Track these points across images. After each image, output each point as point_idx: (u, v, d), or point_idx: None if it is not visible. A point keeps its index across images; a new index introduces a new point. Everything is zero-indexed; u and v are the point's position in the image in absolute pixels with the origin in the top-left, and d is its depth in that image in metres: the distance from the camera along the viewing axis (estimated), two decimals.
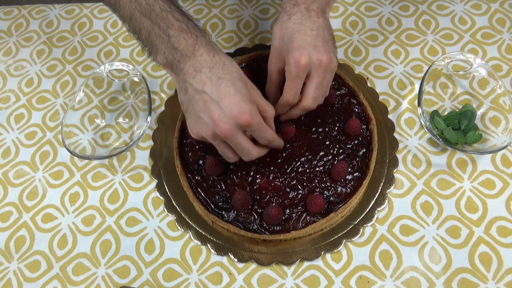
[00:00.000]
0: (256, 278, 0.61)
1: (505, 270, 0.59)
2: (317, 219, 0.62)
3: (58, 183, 0.71)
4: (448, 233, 0.62)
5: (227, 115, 0.52)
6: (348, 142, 0.67)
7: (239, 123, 0.52)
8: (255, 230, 0.62)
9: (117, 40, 0.84)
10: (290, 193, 0.64)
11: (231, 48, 0.81)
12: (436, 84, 0.73)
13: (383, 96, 0.74)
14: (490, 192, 0.64)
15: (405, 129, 0.71)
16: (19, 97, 0.79)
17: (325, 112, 0.70)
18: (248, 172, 0.66)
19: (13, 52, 0.85)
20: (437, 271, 0.60)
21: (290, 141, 0.67)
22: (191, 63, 0.54)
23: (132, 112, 0.76)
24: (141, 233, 0.65)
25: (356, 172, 0.65)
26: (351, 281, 0.60)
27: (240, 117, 0.52)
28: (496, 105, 0.69)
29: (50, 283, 0.63)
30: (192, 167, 0.67)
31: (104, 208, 0.68)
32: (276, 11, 0.84)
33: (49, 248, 0.66)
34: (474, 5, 0.81)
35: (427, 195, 0.65)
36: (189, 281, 0.62)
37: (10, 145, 0.75)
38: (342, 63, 0.77)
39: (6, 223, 0.68)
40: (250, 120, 0.52)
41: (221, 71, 0.54)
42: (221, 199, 0.64)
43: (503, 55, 0.75)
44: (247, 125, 0.53)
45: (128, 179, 0.70)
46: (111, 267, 0.64)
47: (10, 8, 0.90)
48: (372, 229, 0.63)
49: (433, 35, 0.78)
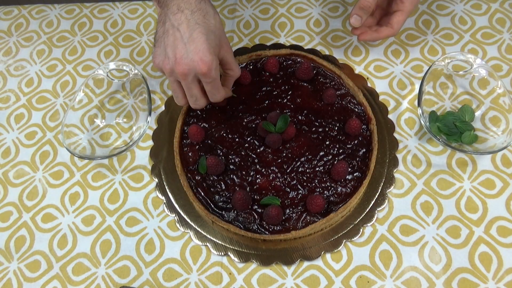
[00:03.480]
0: (256, 278, 0.61)
1: (505, 270, 0.59)
2: (317, 219, 0.62)
3: (58, 183, 0.71)
4: (448, 233, 0.62)
5: (189, 57, 0.55)
6: (348, 142, 0.67)
7: (196, 69, 0.56)
8: (255, 230, 0.62)
9: (117, 40, 0.84)
10: (290, 193, 0.64)
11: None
12: (436, 84, 0.73)
13: (383, 96, 0.74)
14: (490, 192, 0.64)
15: (405, 129, 0.71)
16: (19, 97, 0.79)
17: (325, 112, 0.70)
18: (248, 172, 0.66)
19: (13, 52, 0.85)
20: (437, 271, 0.60)
21: (290, 141, 0.67)
22: (177, 2, 0.57)
23: (132, 112, 0.76)
24: (141, 233, 0.65)
25: (356, 172, 0.65)
26: (351, 281, 0.60)
27: (200, 64, 0.55)
28: (496, 105, 0.69)
29: (50, 283, 0.63)
30: (192, 167, 0.67)
31: (104, 208, 0.68)
32: (276, 11, 0.84)
33: (49, 248, 0.66)
34: (474, 5, 0.81)
35: (427, 195, 0.65)
36: (189, 281, 0.62)
37: (10, 145, 0.75)
38: (342, 63, 0.77)
39: (6, 223, 0.68)
40: (207, 71, 0.56)
41: (202, 18, 0.57)
42: (221, 199, 0.64)
43: (503, 55, 0.75)
44: (202, 74, 0.56)
45: (128, 179, 0.70)
46: (111, 267, 0.64)
47: (10, 8, 0.90)
48: (372, 229, 0.63)
49: (433, 35, 0.78)
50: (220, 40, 0.59)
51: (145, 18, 0.86)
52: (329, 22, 0.82)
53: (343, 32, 0.81)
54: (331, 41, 0.80)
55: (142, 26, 0.85)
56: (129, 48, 0.83)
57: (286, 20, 0.83)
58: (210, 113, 0.71)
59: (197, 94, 0.61)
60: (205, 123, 0.70)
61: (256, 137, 0.68)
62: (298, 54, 0.75)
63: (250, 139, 0.68)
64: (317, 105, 0.71)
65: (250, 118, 0.70)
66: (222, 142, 0.69)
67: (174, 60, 0.56)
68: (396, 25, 0.67)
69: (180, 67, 0.56)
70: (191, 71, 0.56)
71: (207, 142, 0.69)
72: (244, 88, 0.73)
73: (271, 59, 0.74)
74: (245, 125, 0.70)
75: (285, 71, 0.74)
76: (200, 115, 0.71)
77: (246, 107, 0.71)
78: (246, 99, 0.72)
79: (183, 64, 0.56)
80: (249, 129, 0.69)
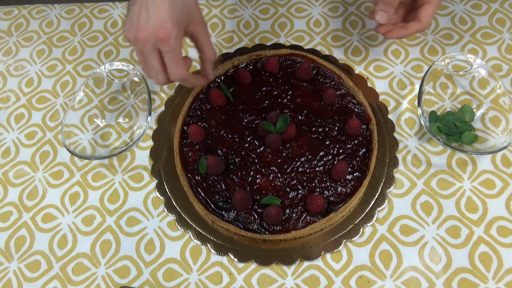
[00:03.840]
0: (256, 278, 0.61)
1: (505, 270, 0.59)
2: (317, 219, 0.62)
3: (58, 183, 0.71)
4: (448, 233, 0.62)
5: (149, 23, 0.54)
6: (348, 142, 0.67)
7: (155, 36, 0.54)
8: (255, 230, 0.62)
9: (117, 40, 0.84)
10: (290, 193, 0.64)
11: (231, 48, 0.81)
12: (436, 84, 0.73)
13: (383, 96, 0.74)
14: (490, 192, 0.64)
15: (405, 129, 0.71)
16: (19, 97, 0.79)
17: (325, 112, 0.70)
18: (248, 172, 0.66)
19: (13, 52, 0.85)
20: (437, 271, 0.60)
21: (290, 141, 0.67)
22: None
23: (132, 112, 0.76)
24: (141, 233, 0.65)
25: (356, 172, 0.65)
26: (351, 281, 0.60)
27: (158, 30, 0.53)
28: (496, 105, 0.69)
29: (50, 283, 0.63)
30: (192, 167, 0.67)
31: (104, 208, 0.68)
32: (276, 11, 0.84)
33: (49, 248, 0.66)
34: (474, 5, 0.81)
35: (427, 195, 0.65)
36: (189, 281, 0.62)
37: (10, 145, 0.75)
38: (342, 63, 0.77)
39: (6, 223, 0.68)
40: (164, 37, 0.54)
41: None
42: (221, 199, 0.64)
43: (503, 55, 0.75)
44: (160, 41, 0.54)
45: (128, 179, 0.70)
46: (111, 267, 0.64)
47: (10, 8, 0.90)
48: (372, 229, 0.63)
49: (433, 35, 0.78)
50: (190, 13, 0.58)
51: None
52: (329, 22, 0.82)
53: (343, 32, 0.81)
54: (331, 41, 0.80)
55: None
56: (129, 48, 0.83)
57: (286, 20, 0.83)
58: (210, 113, 0.71)
59: (156, 66, 0.57)
60: (205, 123, 0.70)
61: (256, 137, 0.68)
62: (298, 54, 0.75)
63: (250, 139, 0.68)
64: (317, 105, 0.71)
65: (250, 118, 0.70)
66: (222, 142, 0.69)
67: (136, 27, 0.55)
68: (425, 18, 0.64)
69: (140, 34, 0.54)
70: (150, 38, 0.54)
71: (207, 142, 0.69)
72: (244, 88, 0.73)
73: (271, 59, 0.74)
74: (245, 125, 0.70)
75: (285, 71, 0.74)
76: (200, 115, 0.71)
77: (246, 107, 0.71)
78: (246, 99, 0.72)
79: (143, 30, 0.54)
80: (249, 129, 0.69)
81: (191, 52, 0.81)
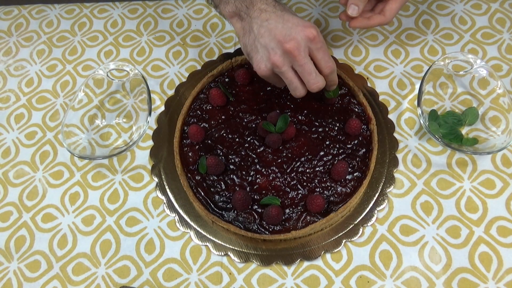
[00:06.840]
0: (256, 278, 0.61)
1: (505, 270, 0.59)
2: (317, 219, 0.62)
3: (58, 183, 0.71)
4: (448, 233, 0.62)
5: (291, 33, 0.56)
6: (348, 142, 0.67)
7: (304, 36, 0.56)
8: (255, 230, 0.62)
9: (117, 40, 0.84)
10: (290, 193, 0.64)
11: (231, 48, 0.81)
12: (436, 84, 0.73)
13: (383, 96, 0.74)
14: (490, 192, 0.64)
15: (405, 129, 0.71)
16: (19, 97, 0.79)
17: (325, 112, 0.70)
18: (248, 172, 0.66)
19: (13, 52, 0.85)
20: (437, 271, 0.60)
21: (290, 141, 0.67)
22: (258, 7, 0.60)
23: (132, 112, 0.76)
24: (141, 233, 0.65)
25: (356, 172, 0.65)
26: (351, 281, 0.60)
27: (305, 31, 0.56)
28: (496, 105, 0.69)
29: (50, 283, 0.63)
30: (192, 167, 0.67)
31: (104, 208, 0.68)
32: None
33: (49, 248, 0.66)
34: (474, 5, 0.81)
35: (427, 195, 0.65)
36: (189, 281, 0.62)
37: (10, 145, 0.75)
38: (342, 63, 0.77)
39: (6, 223, 0.68)
40: (316, 33, 0.56)
41: (283, 7, 0.60)
42: (221, 199, 0.64)
43: (503, 55, 0.75)
44: (312, 39, 0.56)
45: (128, 179, 0.70)
46: (111, 267, 0.64)
47: (10, 8, 0.90)
48: (372, 229, 0.63)
49: (433, 35, 0.78)
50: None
51: (145, 18, 0.86)
52: (329, 22, 0.82)
53: (343, 32, 0.81)
54: (331, 41, 0.80)
55: (142, 26, 0.85)
56: (129, 48, 0.83)
57: None
58: (210, 113, 0.71)
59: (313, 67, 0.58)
60: (205, 123, 0.70)
61: (256, 137, 0.68)
62: None
63: (250, 139, 0.68)
64: (317, 105, 0.71)
65: (250, 118, 0.70)
66: (222, 142, 0.69)
67: (280, 44, 0.56)
68: (389, 12, 0.65)
69: (288, 45, 0.56)
70: (301, 42, 0.56)
71: (207, 142, 0.69)
72: (244, 88, 0.73)
73: None
74: (245, 125, 0.70)
75: None
76: (200, 115, 0.71)
77: (246, 107, 0.71)
78: (246, 99, 0.72)
79: (289, 40, 0.56)
80: (249, 129, 0.69)
81: (191, 52, 0.81)
